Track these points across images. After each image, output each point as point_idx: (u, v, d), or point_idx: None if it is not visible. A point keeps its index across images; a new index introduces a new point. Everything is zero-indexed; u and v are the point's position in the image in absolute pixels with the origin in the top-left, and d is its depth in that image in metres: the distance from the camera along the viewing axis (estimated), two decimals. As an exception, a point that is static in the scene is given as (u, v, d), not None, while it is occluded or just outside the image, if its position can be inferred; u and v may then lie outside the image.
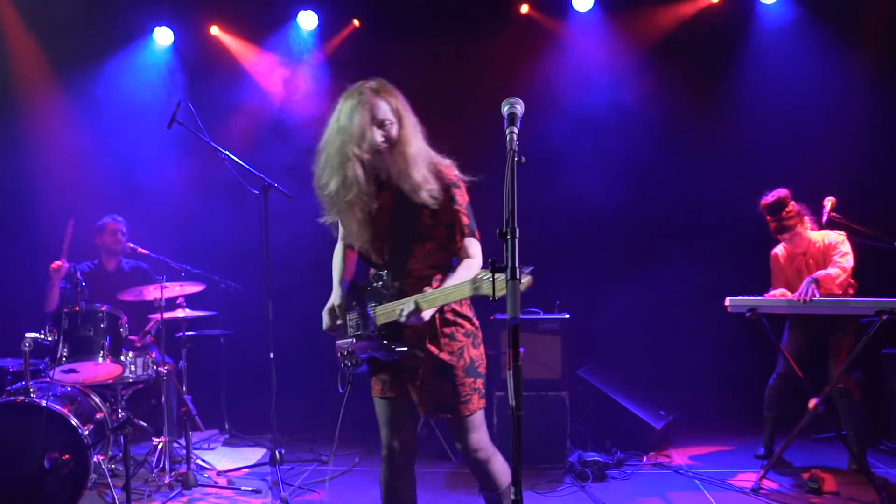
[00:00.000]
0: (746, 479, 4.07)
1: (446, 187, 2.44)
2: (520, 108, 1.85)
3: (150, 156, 5.68)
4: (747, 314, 3.89)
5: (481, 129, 5.35)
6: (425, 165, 2.42)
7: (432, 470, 4.46)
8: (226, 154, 4.13)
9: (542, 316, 4.60)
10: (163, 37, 6.01)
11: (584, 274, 5.44)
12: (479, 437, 2.54)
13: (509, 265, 1.59)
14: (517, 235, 1.64)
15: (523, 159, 1.70)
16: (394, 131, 2.41)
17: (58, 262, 4.32)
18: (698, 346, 5.37)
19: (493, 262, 1.62)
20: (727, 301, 3.94)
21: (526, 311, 4.68)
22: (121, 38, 5.94)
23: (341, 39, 5.99)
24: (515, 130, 1.77)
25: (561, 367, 4.52)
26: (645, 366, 5.47)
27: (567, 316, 4.63)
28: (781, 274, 4.32)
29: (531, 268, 1.74)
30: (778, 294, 4.12)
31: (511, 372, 1.62)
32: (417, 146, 2.43)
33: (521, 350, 4.30)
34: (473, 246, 2.48)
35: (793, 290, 4.02)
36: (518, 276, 1.58)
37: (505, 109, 1.85)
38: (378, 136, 2.39)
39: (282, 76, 6.00)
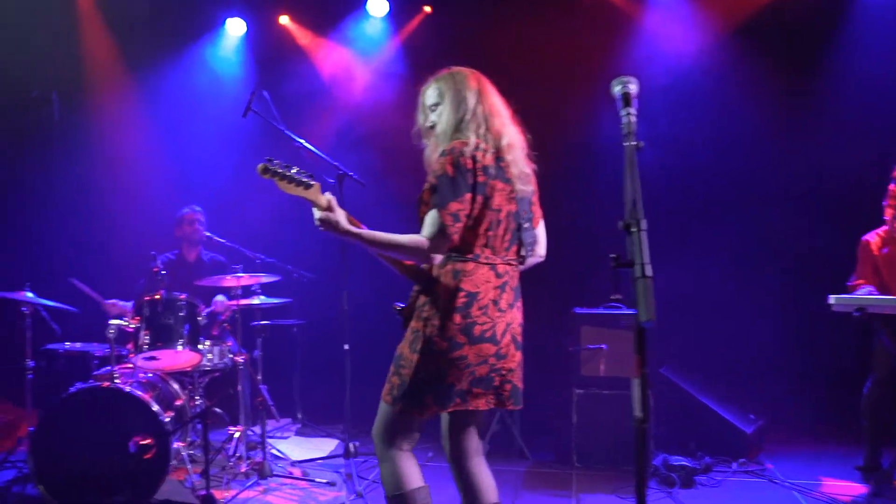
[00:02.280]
0: (847, 492, 3.78)
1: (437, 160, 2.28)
2: (634, 87, 1.67)
3: (222, 147, 5.71)
4: (855, 314, 3.58)
5: (552, 115, 5.21)
6: (441, 143, 2.33)
7: (509, 468, 4.33)
8: (300, 143, 4.08)
9: (623, 311, 4.39)
10: (235, 28, 6.02)
11: (668, 266, 5.15)
12: (376, 428, 2.39)
13: (638, 260, 1.40)
14: (643, 227, 1.44)
15: (642, 144, 1.52)
16: (433, 116, 2.39)
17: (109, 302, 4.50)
18: (786, 344, 5.06)
19: (616, 258, 1.44)
20: (831, 299, 3.64)
21: (606, 306, 4.48)
22: (194, 29, 5.98)
23: (413, 27, 5.88)
24: (633, 112, 1.59)
25: (644, 365, 4.30)
26: (730, 364, 5.20)
27: (651, 311, 4.40)
28: (871, 263, 3.96)
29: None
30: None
31: (638, 380, 1.44)
32: (442, 127, 2.35)
33: (603, 346, 4.14)
34: (426, 220, 2.21)
35: (886, 282, 3.69)
36: (649, 273, 1.39)
37: (616, 90, 1.66)
38: (420, 118, 2.44)
39: (353, 64, 5.93)
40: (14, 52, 4.96)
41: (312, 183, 2.16)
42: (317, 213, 2.18)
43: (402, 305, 2.39)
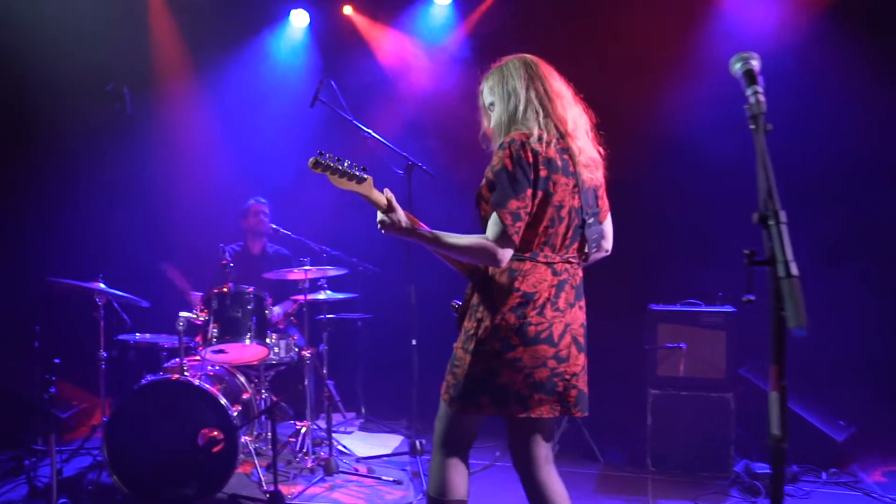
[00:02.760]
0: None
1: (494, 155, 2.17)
2: (756, 63, 1.48)
3: (288, 138, 5.69)
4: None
5: (626, 101, 4.97)
6: (499, 138, 2.22)
7: (579, 471, 4.17)
8: (369, 132, 3.99)
9: (703, 308, 4.17)
10: (299, 19, 5.98)
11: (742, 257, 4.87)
12: (436, 425, 2.34)
13: (780, 257, 1.21)
14: (783, 219, 1.25)
15: (770, 126, 1.35)
16: (494, 116, 2.29)
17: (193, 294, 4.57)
18: (881, 344, 4.72)
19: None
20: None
21: (685, 303, 4.26)
22: (258, 22, 5.96)
23: (480, 13, 5.71)
24: (759, 90, 1.40)
25: (725, 366, 4.07)
26: (816, 365, 4.88)
27: (732, 309, 4.16)
28: None
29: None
30: None
31: (777, 394, 1.28)
32: (496, 122, 2.26)
33: (682, 345, 3.93)
34: (490, 221, 2.09)
35: None
36: (795, 272, 1.20)
37: (737, 67, 1.47)
38: (484, 121, 2.36)
39: (418, 53, 5.82)
40: (85, 46, 5.02)
41: (366, 177, 2.07)
42: (379, 216, 2.12)
43: (459, 303, 2.33)
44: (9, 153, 5.01)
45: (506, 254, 2.06)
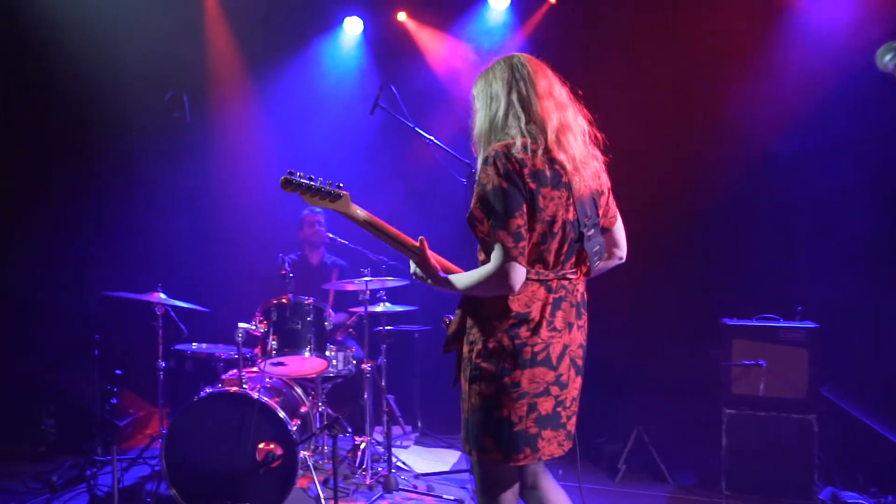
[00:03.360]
0: None
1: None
2: None
3: (344, 146, 5.63)
4: None
5: (689, 108, 4.76)
6: (483, 148, 2.07)
7: (647, 492, 3.97)
8: (431, 139, 3.88)
9: (782, 324, 3.92)
10: (353, 26, 5.94)
11: (834, 273, 4.54)
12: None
13: None
14: None
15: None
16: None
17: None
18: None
19: None
20: None
21: (761, 317, 4.02)
22: (312, 29, 5.93)
23: (537, 19, 5.57)
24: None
25: (806, 386, 3.82)
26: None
27: (814, 325, 3.91)
28: None
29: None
30: None
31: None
32: (476, 130, 2.11)
33: (761, 363, 3.70)
34: (493, 249, 1.95)
35: None
36: None
37: (887, 59, 1.31)
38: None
39: (474, 59, 5.70)
40: (143, 55, 5.05)
41: (341, 194, 2.04)
42: (412, 267, 2.11)
43: (452, 318, 2.19)
44: (70, 163, 5.06)
45: (517, 278, 1.92)
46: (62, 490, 3.93)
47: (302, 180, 1.98)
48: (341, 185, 2.04)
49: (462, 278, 2.03)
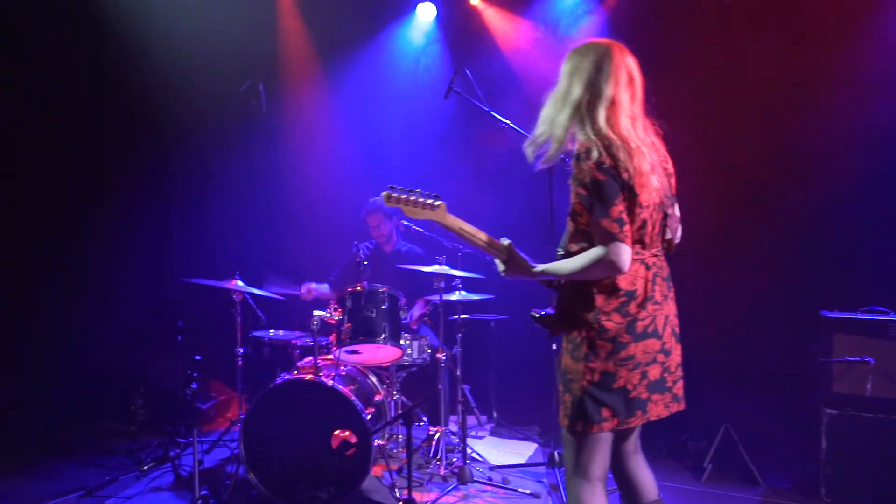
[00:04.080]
0: None
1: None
2: None
3: (419, 132, 5.57)
4: None
5: (791, 96, 4.43)
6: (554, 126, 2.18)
7: (736, 495, 3.74)
8: (506, 123, 3.76)
9: (893, 317, 3.60)
10: (426, 12, 5.84)
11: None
12: (563, 454, 2.27)
13: None
14: None
15: None
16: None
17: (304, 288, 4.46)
18: None
19: None
20: None
21: (867, 310, 3.71)
22: (385, 15, 5.87)
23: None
24: None
25: (919, 386, 3.50)
26: None
27: (929, 319, 3.57)
28: None
29: None
30: None
31: None
32: (552, 108, 2.21)
33: (868, 360, 3.41)
34: (595, 235, 2.07)
35: None
36: None
37: None
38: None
39: (551, 42, 5.51)
40: (217, 44, 5.11)
41: (438, 203, 2.17)
42: (499, 266, 2.23)
43: (541, 312, 2.24)
44: (151, 154, 5.19)
45: (625, 259, 2.04)
46: (150, 468, 4.08)
47: (402, 194, 2.15)
48: (437, 195, 2.18)
49: (567, 264, 2.13)
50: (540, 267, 2.19)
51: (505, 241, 2.21)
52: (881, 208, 4.25)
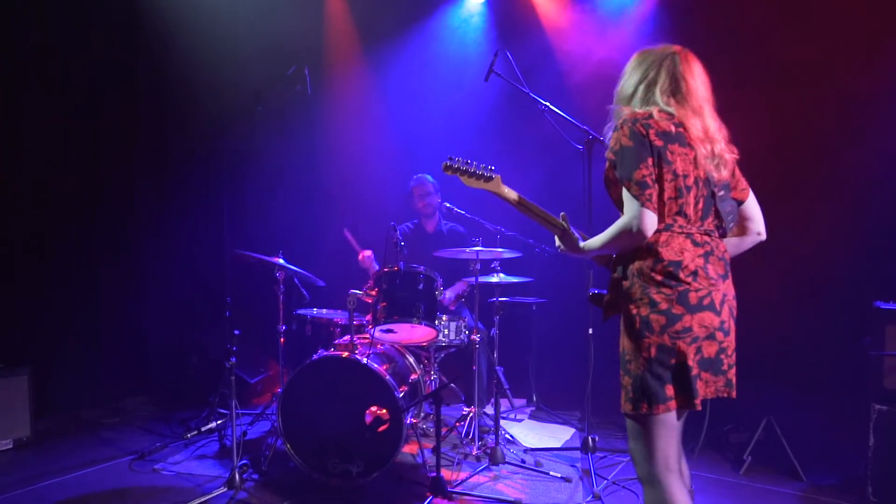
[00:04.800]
0: None
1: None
2: None
3: (465, 114, 5.56)
4: None
5: (835, 83, 4.20)
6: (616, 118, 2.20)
7: (776, 489, 3.63)
8: (546, 105, 3.72)
9: (950, 311, 3.42)
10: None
11: None
12: (632, 447, 2.14)
13: None
14: None
15: None
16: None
17: (362, 253, 4.57)
18: None
19: None
20: None
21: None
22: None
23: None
24: None
25: (977, 384, 3.31)
26: None
27: None
28: None
29: None
30: None
31: None
32: (617, 96, 2.26)
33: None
34: (624, 202, 2.08)
35: None
36: None
37: None
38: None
39: (601, 25, 5.38)
40: (265, 29, 5.22)
41: (493, 176, 2.27)
42: (556, 241, 2.29)
43: (596, 291, 2.29)
44: (202, 137, 5.34)
45: (646, 223, 2.02)
46: (198, 436, 4.28)
47: (460, 165, 2.25)
48: (493, 167, 2.27)
49: (599, 237, 2.15)
50: (581, 244, 2.23)
51: (562, 217, 2.25)
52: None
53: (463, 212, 4.47)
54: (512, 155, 5.38)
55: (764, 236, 2.31)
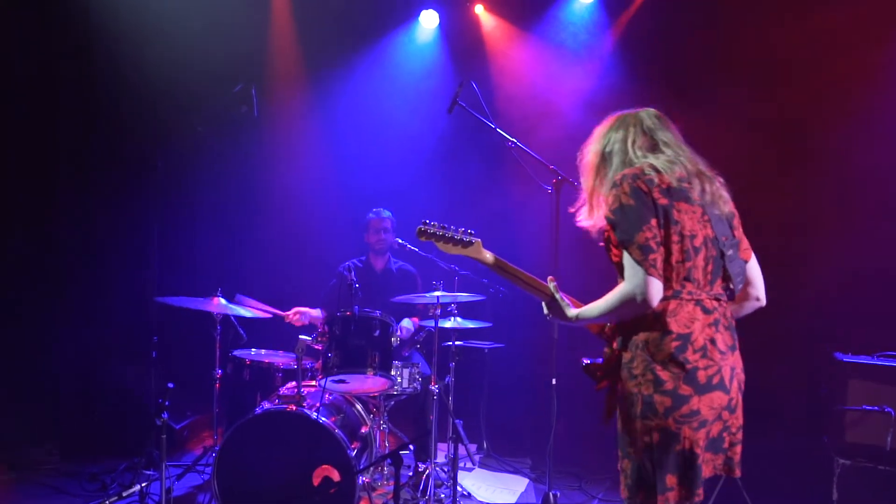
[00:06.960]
0: None
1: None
2: None
3: (416, 142, 5.33)
4: None
5: (794, 124, 4.27)
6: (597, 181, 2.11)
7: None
8: (514, 142, 3.55)
9: (912, 365, 3.43)
10: (428, 20, 5.61)
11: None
12: None
13: None
14: None
15: None
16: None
17: (289, 316, 4.10)
18: None
19: None
20: None
21: (883, 355, 3.53)
22: (386, 22, 5.63)
23: (631, 14, 5.09)
24: None
25: (938, 438, 3.31)
26: None
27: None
28: None
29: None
30: None
31: None
32: (589, 162, 2.12)
33: (888, 410, 3.20)
34: (625, 267, 1.90)
35: None
36: None
37: None
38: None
39: (559, 57, 5.29)
40: (210, 45, 4.85)
41: (473, 241, 2.12)
42: (544, 308, 2.13)
43: (590, 361, 2.09)
44: (131, 160, 4.89)
45: (652, 292, 1.85)
46: (117, 498, 3.80)
47: (436, 230, 2.10)
48: (472, 231, 2.13)
49: (596, 306, 1.98)
50: (574, 311, 2.05)
51: (551, 283, 2.09)
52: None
53: (416, 249, 4.22)
54: (460, 186, 5.20)
55: (763, 302, 2.15)
